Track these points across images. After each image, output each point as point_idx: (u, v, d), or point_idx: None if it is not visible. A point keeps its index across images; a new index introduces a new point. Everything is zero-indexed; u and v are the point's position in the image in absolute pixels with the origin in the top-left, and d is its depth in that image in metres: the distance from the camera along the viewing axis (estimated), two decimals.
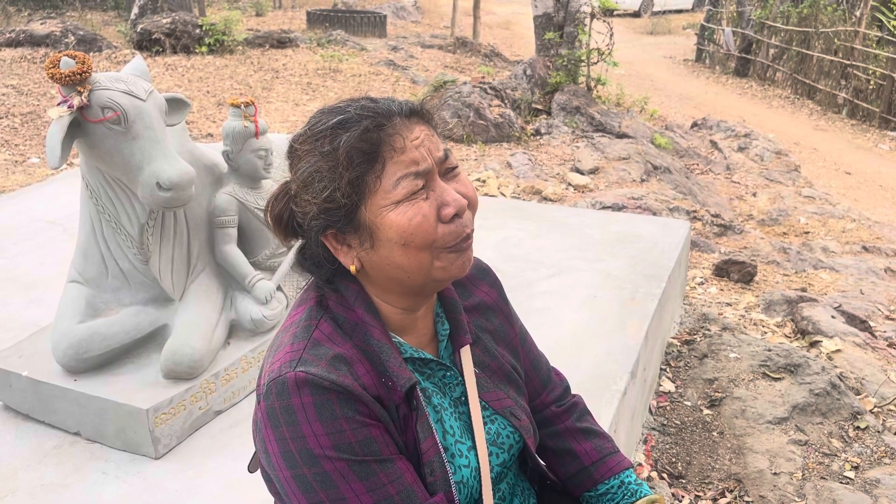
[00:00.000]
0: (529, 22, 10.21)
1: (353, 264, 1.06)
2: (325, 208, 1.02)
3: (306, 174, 1.03)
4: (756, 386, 2.98)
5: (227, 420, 2.27)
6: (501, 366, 1.25)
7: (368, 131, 1.00)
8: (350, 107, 1.04)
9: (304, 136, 1.06)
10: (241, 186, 2.43)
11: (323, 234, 1.05)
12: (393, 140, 1.01)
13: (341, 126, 1.01)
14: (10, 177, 5.67)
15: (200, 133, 7.15)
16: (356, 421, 0.98)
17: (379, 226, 1.01)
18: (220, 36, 10.42)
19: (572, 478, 1.32)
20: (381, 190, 1.00)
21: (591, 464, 1.31)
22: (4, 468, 2.06)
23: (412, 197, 1.01)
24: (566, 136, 7.56)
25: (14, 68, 8.73)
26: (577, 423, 1.36)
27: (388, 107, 1.04)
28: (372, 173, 1.00)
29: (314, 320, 1.06)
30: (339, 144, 1.00)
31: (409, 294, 1.10)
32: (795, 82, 13.60)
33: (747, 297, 4.19)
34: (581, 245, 3.50)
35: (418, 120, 1.05)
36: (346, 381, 0.99)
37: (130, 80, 1.97)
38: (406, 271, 1.04)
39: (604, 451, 1.32)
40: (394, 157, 1.01)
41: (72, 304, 2.22)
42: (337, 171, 1.00)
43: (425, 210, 1.01)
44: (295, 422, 0.97)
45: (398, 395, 1.05)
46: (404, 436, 1.06)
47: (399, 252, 1.02)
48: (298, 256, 1.13)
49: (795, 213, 6.69)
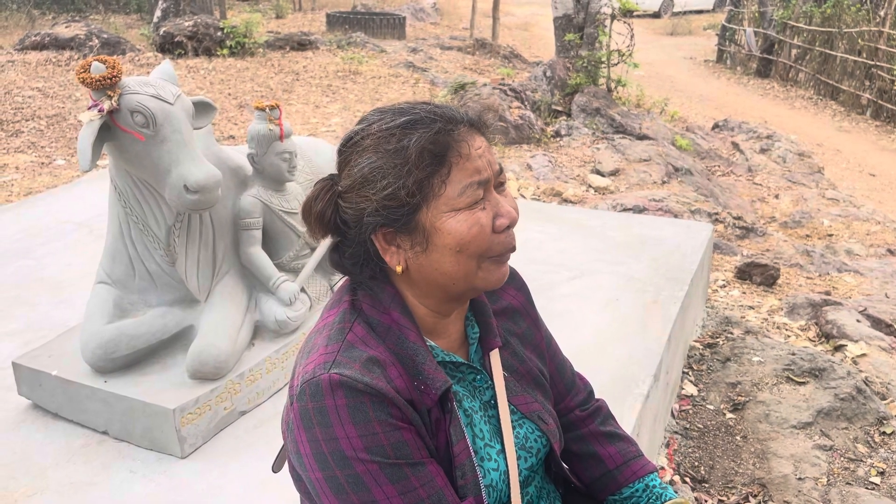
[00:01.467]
0: (548, 23, 10.19)
1: (400, 265, 1.06)
2: (384, 205, 1.02)
3: (367, 170, 1.03)
4: (780, 390, 2.96)
5: (252, 420, 2.29)
6: (529, 370, 1.26)
7: (440, 134, 1.01)
8: (417, 108, 1.05)
9: (362, 132, 1.06)
10: (265, 189, 2.45)
11: (374, 233, 1.05)
12: (460, 146, 1.02)
13: (411, 126, 1.02)
14: (36, 178, 5.75)
15: (222, 135, 7.21)
16: (389, 424, 0.99)
17: (438, 230, 1.02)
18: (241, 38, 10.51)
19: (596, 482, 1.33)
20: (445, 195, 1.02)
21: (616, 467, 1.31)
22: (34, 466, 2.10)
23: (473, 206, 1.03)
24: (586, 138, 7.53)
25: (39, 71, 8.86)
26: (601, 426, 1.36)
27: (453, 113, 1.05)
28: (438, 176, 1.01)
29: (348, 323, 1.07)
30: (410, 143, 1.01)
31: (446, 299, 1.11)
32: (818, 83, 13.46)
33: (770, 301, 4.16)
34: (603, 247, 3.50)
35: (477, 130, 1.07)
36: (380, 384, 0.99)
37: (159, 84, 2.00)
38: (452, 278, 1.05)
39: (628, 454, 1.33)
40: (459, 163, 1.02)
41: (100, 304, 2.25)
42: (404, 169, 1.00)
43: (483, 220, 1.03)
44: (328, 423, 0.97)
45: (431, 398, 1.05)
46: (435, 439, 1.06)
47: (450, 258, 1.03)
48: (333, 256, 1.13)
49: (819, 215, 6.62)
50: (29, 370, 2.27)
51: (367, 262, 1.09)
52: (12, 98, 7.82)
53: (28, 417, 2.30)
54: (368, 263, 1.09)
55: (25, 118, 7.27)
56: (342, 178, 1.08)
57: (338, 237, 1.11)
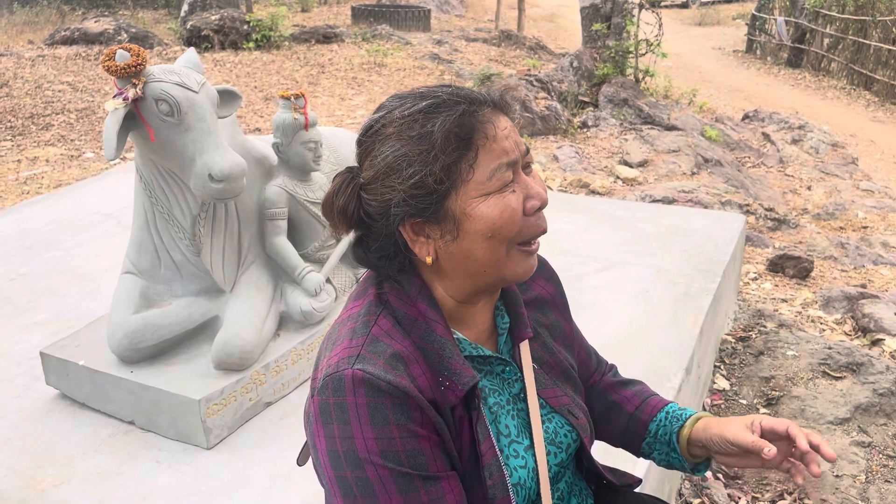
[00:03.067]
0: (574, 14, 10.09)
1: (430, 256, 1.03)
2: (412, 195, 0.99)
3: (391, 159, 0.99)
4: (816, 385, 2.88)
5: (277, 412, 2.27)
6: (559, 362, 1.22)
7: (464, 116, 0.98)
8: (437, 91, 1.01)
9: (383, 120, 1.02)
10: (290, 179, 2.43)
11: (401, 225, 1.02)
12: (486, 128, 0.99)
13: (434, 109, 0.99)
14: (66, 171, 5.81)
15: (248, 128, 7.23)
16: (407, 430, 0.95)
17: (468, 216, 0.99)
18: (267, 32, 10.54)
19: (625, 434, 1.31)
20: (474, 180, 0.98)
21: (636, 409, 1.31)
22: (62, 455, 2.10)
23: (503, 189, 0.99)
24: (614, 129, 7.44)
25: (69, 65, 8.96)
26: (614, 377, 1.38)
27: (476, 94, 1.02)
28: (465, 161, 0.98)
29: (373, 315, 1.03)
30: (435, 128, 0.97)
31: (476, 289, 1.07)
32: (851, 72, 13.18)
33: (804, 294, 4.06)
34: (632, 239, 3.43)
35: (501, 111, 1.03)
36: (403, 383, 0.96)
37: (183, 73, 1.98)
38: (483, 265, 1.02)
39: (643, 394, 1.33)
40: (486, 146, 0.98)
41: (126, 295, 2.25)
42: (430, 154, 0.97)
43: (514, 203, 1.00)
44: (346, 421, 0.95)
45: (457, 394, 1.02)
46: (459, 439, 1.03)
47: (482, 245, 1.00)
48: (357, 251, 1.09)
49: (853, 207, 6.47)
50: (56, 360, 2.27)
51: (395, 255, 1.05)
52: (43, 92, 7.92)
53: (56, 407, 2.31)
54: (397, 256, 1.05)
55: (55, 112, 7.35)
56: (363, 169, 1.04)
57: (361, 231, 1.07)
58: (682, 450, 1.23)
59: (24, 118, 7.13)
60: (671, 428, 1.25)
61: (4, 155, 6.21)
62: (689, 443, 1.22)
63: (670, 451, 1.26)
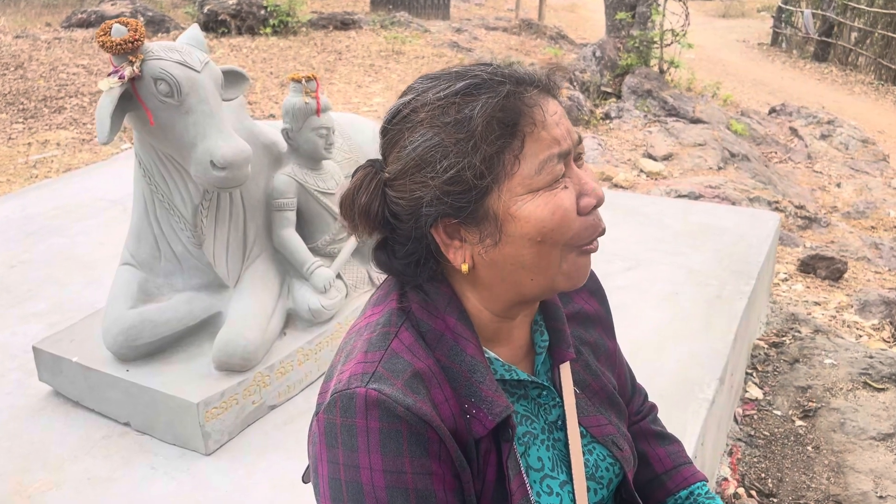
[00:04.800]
0: (595, 4, 9.86)
1: (466, 263, 0.87)
2: (447, 191, 0.83)
3: (422, 149, 0.83)
4: (856, 396, 2.70)
5: (282, 415, 2.13)
6: (603, 386, 1.06)
7: (509, 97, 0.82)
8: (475, 70, 0.85)
9: (413, 104, 0.86)
10: (300, 167, 2.28)
11: (433, 226, 0.86)
12: (534, 112, 0.83)
13: (473, 90, 0.83)
14: (76, 155, 5.70)
15: (263, 114, 7.10)
16: (422, 465, 0.81)
17: (513, 217, 0.83)
18: (285, 17, 10.41)
19: (644, 488, 1.16)
20: (520, 174, 0.82)
21: (664, 472, 1.16)
22: (52, 458, 1.98)
23: (553, 185, 0.83)
24: (637, 121, 7.23)
25: (85, 48, 8.86)
26: (653, 425, 1.22)
27: (521, 73, 0.86)
28: (510, 151, 0.82)
29: (394, 327, 0.88)
30: (475, 113, 0.81)
31: (517, 302, 0.91)
32: (880, 67, 12.85)
33: (838, 296, 3.87)
34: (660, 236, 3.26)
35: (549, 93, 0.87)
36: (424, 409, 0.81)
37: (185, 50, 1.83)
38: (531, 273, 0.86)
39: (678, 459, 1.18)
40: (534, 133, 0.82)
41: (124, 288, 2.11)
42: (469, 144, 0.81)
43: (567, 202, 0.84)
44: (354, 447, 0.81)
45: (485, 425, 0.86)
46: (481, 477, 0.88)
47: (530, 250, 0.84)
48: (380, 255, 0.93)
49: (884, 205, 6.24)
50: (49, 355, 2.15)
51: (425, 261, 0.90)
52: (57, 75, 7.82)
53: (49, 405, 2.19)
54: (427, 263, 0.90)
55: (69, 94, 7.25)
56: (389, 162, 0.88)
57: (385, 233, 0.91)
58: None
59: (37, 101, 7.04)
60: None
61: (16, 137, 6.12)
62: None
63: None
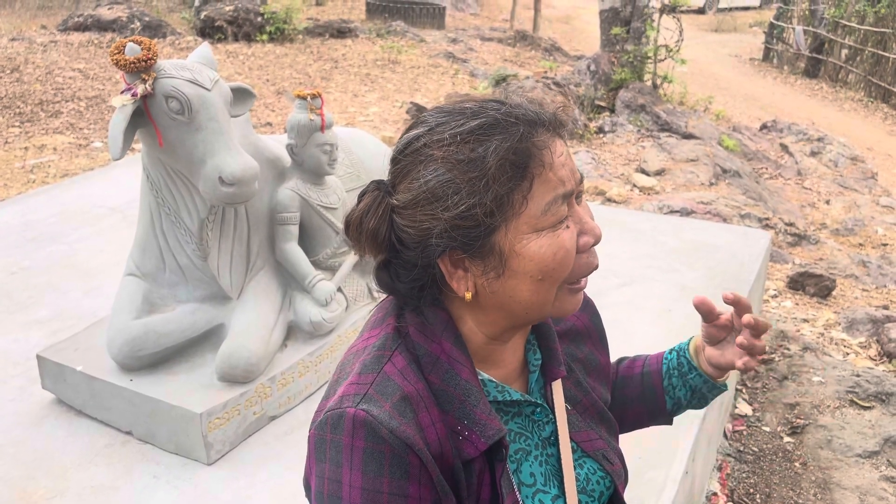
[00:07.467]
0: (590, 16, 9.96)
1: (469, 292, 0.92)
2: (456, 226, 0.87)
3: (434, 184, 0.87)
4: (843, 414, 2.76)
5: (282, 426, 2.17)
6: (594, 402, 1.11)
7: (522, 141, 0.86)
8: (488, 109, 0.89)
9: (426, 138, 0.90)
10: (304, 182, 2.32)
11: (440, 257, 0.90)
12: (542, 155, 0.87)
13: (487, 131, 0.87)
14: (73, 160, 5.72)
15: (259, 122, 7.13)
16: (399, 487, 0.85)
17: (517, 254, 0.88)
18: (281, 24, 10.45)
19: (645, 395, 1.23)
20: (527, 213, 0.87)
21: (642, 367, 1.25)
22: (56, 466, 2.00)
23: (557, 225, 0.88)
24: (631, 135, 7.31)
25: (81, 52, 8.87)
26: (619, 364, 1.30)
27: (531, 113, 0.90)
28: (519, 192, 0.86)
29: (388, 350, 0.93)
30: (488, 153, 0.85)
31: (511, 327, 0.96)
32: (869, 84, 13.02)
33: (825, 314, 3.94)
34: (653, 253, 3.32)
35: (556, 133, 0.91)
36: (408, 432, 0.86)
37: (196, 69, 1.87)
38: (526, 306, 0.91)
39: (641, 356, 1.28)
40: (542, 175, 0.87)
41: (128, 298, 2.15)
42: (481, 183, 0.85)
43: (568, 242, 0.89)
44: (339, 462, 0.86)
45: (476, 448, 0.91)
46: (474, 497, 0.92)
47: (529, 286, 0.89)
48: (382, 276, 0.98)
49: (872, 223, 6.33)
50: (53, 364, 2.18)
51: (429, 287, 0.94)
52: (53, 78, 7.82)
53: (52, 413, 2.21)
54: (430, 288, 0.94)
55: (65, 99, 7.26)
56: (399, 190, 0.92)
57: (389, 256, 0.95)
58: (700, 364, 1.17)
59: (33, 104, 7.04)
60: (683, 354, 1.20)
61: (12, 141, 6.12)
62: (697, 352, 1.18)
63: (688, 374, 1.19)
